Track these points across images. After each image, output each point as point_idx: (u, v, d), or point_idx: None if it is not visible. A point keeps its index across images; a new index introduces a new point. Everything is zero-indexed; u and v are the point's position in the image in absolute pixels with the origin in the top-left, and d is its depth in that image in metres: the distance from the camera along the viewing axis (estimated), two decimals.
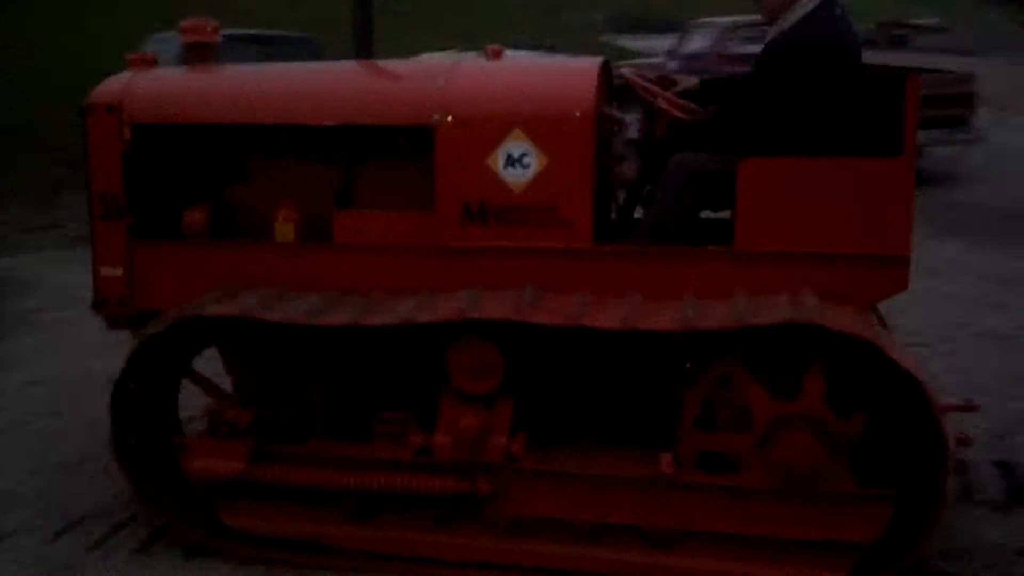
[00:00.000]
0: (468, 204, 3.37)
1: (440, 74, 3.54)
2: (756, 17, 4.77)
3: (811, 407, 3.10)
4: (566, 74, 3.56)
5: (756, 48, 3.76)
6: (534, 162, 3.33)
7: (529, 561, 3.32)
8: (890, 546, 3.12)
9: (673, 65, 13.60)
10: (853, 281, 3.24)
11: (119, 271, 3.64)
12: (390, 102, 3.56)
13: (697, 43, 15.02)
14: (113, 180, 3.63)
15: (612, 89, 3.86)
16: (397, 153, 3.64)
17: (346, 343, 3.39)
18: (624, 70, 3.73)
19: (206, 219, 3.67)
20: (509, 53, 3.91)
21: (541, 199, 3.34)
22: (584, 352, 3.41)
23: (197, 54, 3.95)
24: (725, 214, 3.42)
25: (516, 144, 3.34)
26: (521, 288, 3.30)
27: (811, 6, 3.46)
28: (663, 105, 3.59)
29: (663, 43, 19.22)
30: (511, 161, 3.34)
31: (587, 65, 3.51)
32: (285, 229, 3.59)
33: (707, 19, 16.67)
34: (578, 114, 3.31)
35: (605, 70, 3.60)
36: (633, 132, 3.83)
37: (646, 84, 3.64)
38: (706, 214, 3.61)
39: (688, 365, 3.32)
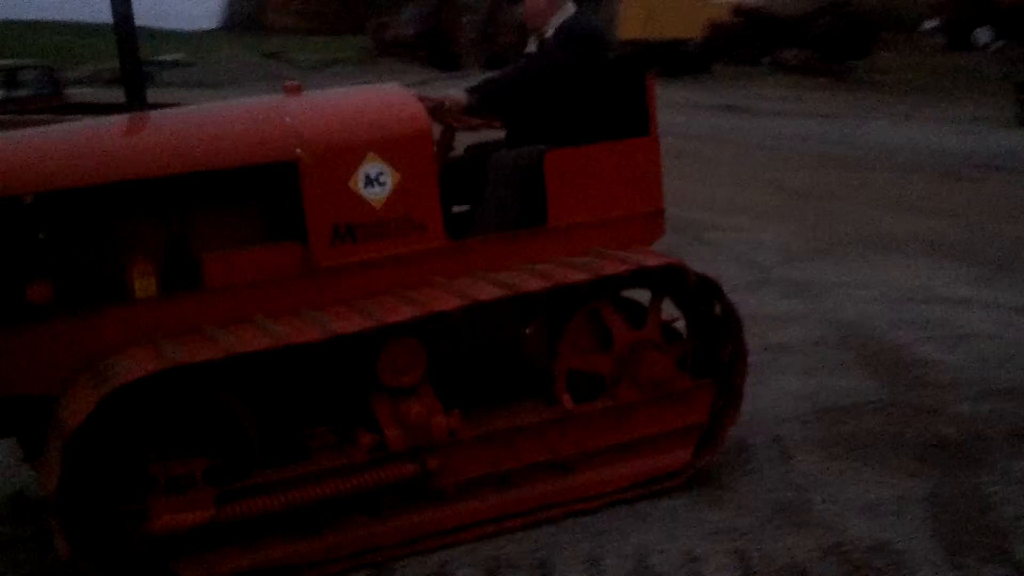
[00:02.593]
0: (337, 225, 3.72)
1: (281, 112, 3.81)
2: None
3: (655, 332, 4.15)
4: (394, 99, 3.99)
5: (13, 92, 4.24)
6: (389, 179, 3.79)
7: (481, 515, 3.89)
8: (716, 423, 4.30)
9: None
10: (634, 233, 4.25)
11: None
12: (249, 142, 3.70)
13: None
14: None
15: None
16: (238, 192, 3.81)
17: (273, 370, 3.52)
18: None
19: (50, 291, 3.40)
20: None
21: (398, 211, 3.81)
22: (479, 325, 3.84)
23: None
24: None
25: (372, 165, 3.76)
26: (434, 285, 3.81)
27: (571, 11, 4.38)
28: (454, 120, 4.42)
29: None
30: (369, 181, 3.76)
31: (401, 89, 4.07)
32: (146, 283, 3.52)
33: None
34: (420, 131, 3.86)
35: None
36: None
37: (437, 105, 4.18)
38: None
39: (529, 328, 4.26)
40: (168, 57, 40.59)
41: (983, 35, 30.18)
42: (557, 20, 4.39)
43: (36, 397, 3.46)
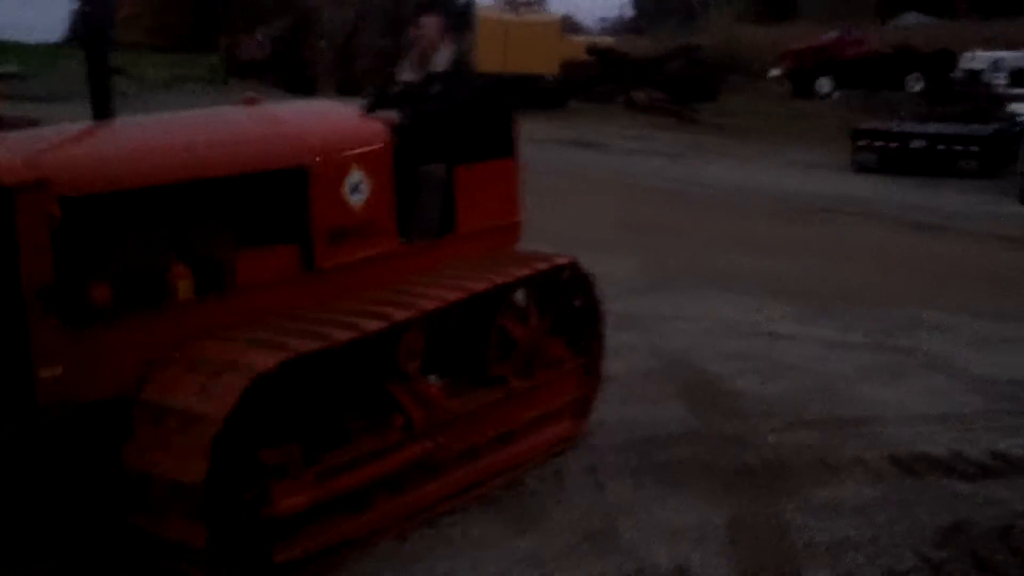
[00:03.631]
0: (331, 229, 4.09)
1: (282, 122, 4.24)
2: None
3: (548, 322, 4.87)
4: (359, 118, 4.51)
5: None
6: (366, 188, 4.22)
7: (469, 482, 4.39)
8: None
9: None
10: (504, 240, 5.00)
11: (59, 370, 3.29)
12: (273, 149, 4.02)
13: None
14: (45, 269, 3.25)
15: None
16: (247, 197, 3.97)
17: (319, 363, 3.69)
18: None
19: (110, 293, 3.44)
20: None
21: (370, 216, 4.25)
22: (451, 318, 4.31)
23: None
24: None
25: (355, 174, 4.18)
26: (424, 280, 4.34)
27: (448, 47, 4.92)
28: None
29: None
30: (353, 188, 4.17)
31: (351, 107, 4.60)
32: (186, 285, 3.65)
33: None
34: (386, 144, 4.34)
35: None
36: None
37: None
38: None
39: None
40: (3, 69, 38.97)
41: (825, 85, 31.81)
42: (444, 55, 4.93)
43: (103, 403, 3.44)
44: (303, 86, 34.62)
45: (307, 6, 36.99)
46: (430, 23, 4.90)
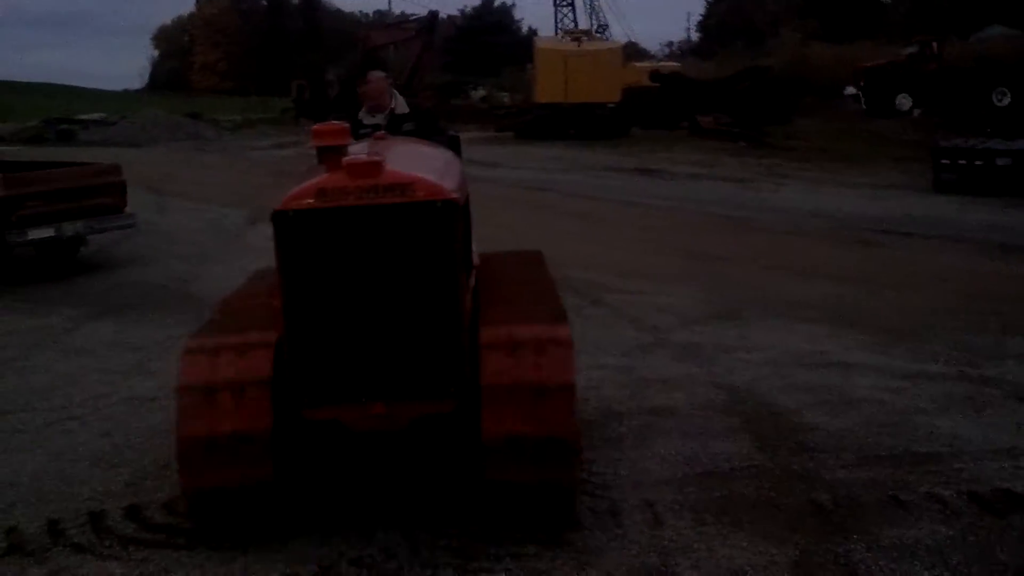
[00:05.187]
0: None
1: (441, 152, 5.45)
2: None
3: None
4: (447, 151, 5.62)
5: None
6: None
7: None
8: None
9: None
10: None
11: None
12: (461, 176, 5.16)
13: None
14: (464, 264, 4.59)
15: None
16: None
17: None
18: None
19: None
20: None
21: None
22: None
23: (328, 157, 4.26)
24: None
25: None
26: None
27: (399, 95, 6.09)
28: None
29: None
30: None
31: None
32: None
33: None
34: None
35: None
36: None
37: None
38: None
39: None
40: (89, 116, 41.29)
41: (904, 102, 31.46)
42: (401, 101, 6.03)
43: None
44: None
45: (372, 44, 37.89)
46: (377, 78, 6.04)
